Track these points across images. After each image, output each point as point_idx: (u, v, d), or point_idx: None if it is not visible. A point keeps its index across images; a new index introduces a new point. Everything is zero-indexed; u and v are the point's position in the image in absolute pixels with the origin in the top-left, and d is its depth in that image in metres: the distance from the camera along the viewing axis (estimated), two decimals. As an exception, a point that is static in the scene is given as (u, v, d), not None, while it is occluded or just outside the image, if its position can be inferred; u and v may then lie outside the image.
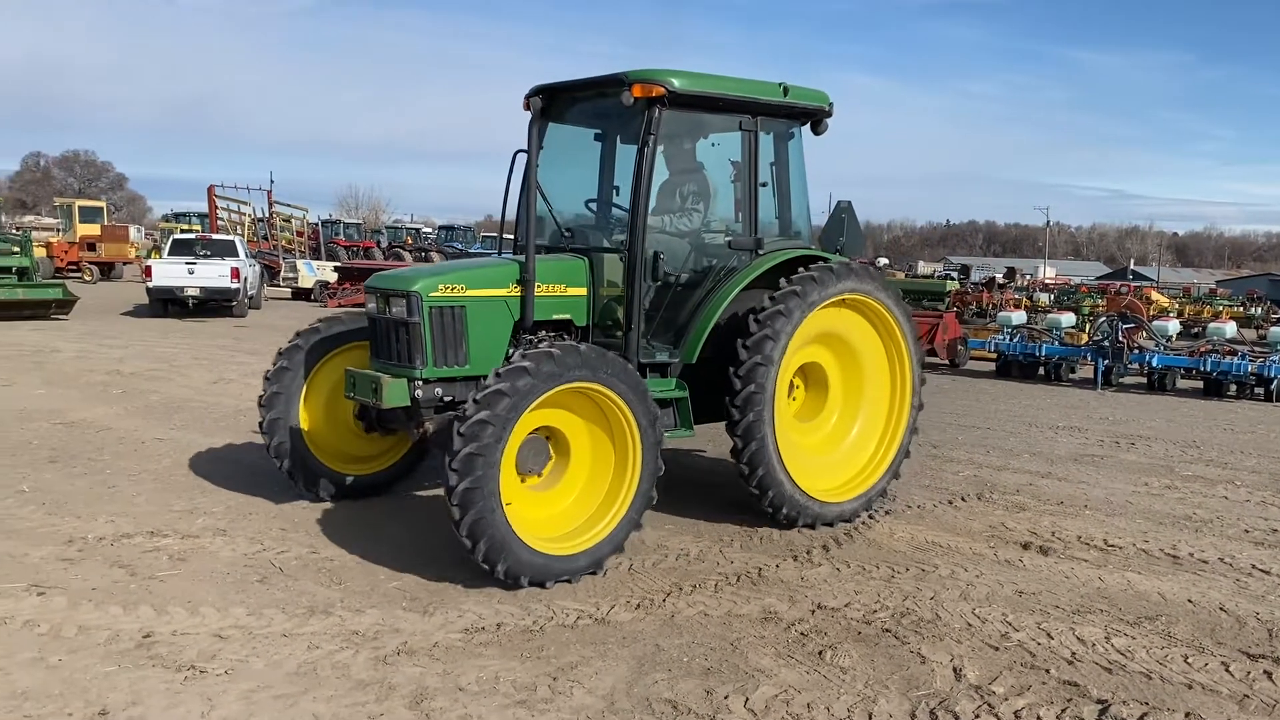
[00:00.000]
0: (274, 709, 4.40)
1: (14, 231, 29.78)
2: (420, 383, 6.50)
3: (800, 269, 7.18)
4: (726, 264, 7.29)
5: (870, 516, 7.84)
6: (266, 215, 39.31)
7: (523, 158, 7.11)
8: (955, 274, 48.84)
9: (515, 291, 6.74)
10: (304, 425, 7.52)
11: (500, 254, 7.94)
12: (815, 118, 7.77)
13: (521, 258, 6.80)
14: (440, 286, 6.54)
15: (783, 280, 7.07)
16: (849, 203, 9.01)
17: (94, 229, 40.84)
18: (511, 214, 7.36)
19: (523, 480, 6.19)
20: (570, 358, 5.88)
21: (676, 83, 6.68)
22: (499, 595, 5.86)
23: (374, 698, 4.54)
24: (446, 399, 6.59)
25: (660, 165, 7.33)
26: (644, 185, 6.71)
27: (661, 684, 4.79)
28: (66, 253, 37.91)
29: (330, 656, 4.96)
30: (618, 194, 7.70)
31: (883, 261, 71.50)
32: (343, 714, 4.38)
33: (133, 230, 47.07)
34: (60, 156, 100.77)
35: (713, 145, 7.66)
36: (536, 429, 6.14)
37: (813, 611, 5.80)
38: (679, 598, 5.93)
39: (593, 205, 7.83)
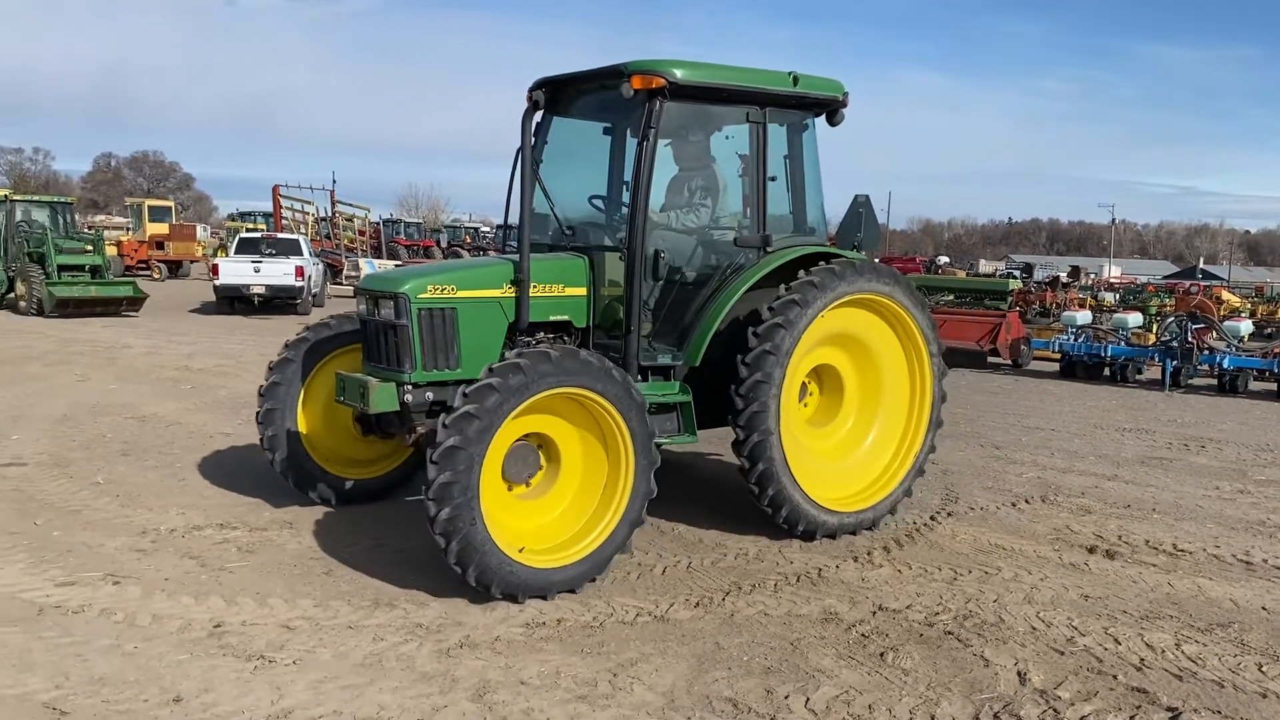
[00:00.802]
0: (341, 698, 4.49)
1: (86, 230, 30.55)
2: (410, 387, 6.27)
3: (820, 264, 6.90)
4: (734, 262, 7.01)
5: (932, 519, 7.76)
6: (329, 214, 39.89)
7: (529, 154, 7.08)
8: (1018, 273, 48.11)
9: (509, 292, 6.49)
10: (302, 429, 7.34)
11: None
12: (829, 108, 7.41)
13: (540, 255, 6.67)
14: (429, 288, 6.30)
15: (801, 272, 6.79)
16: (866, 197, 8.75)
17: (162, 228, 41.81)
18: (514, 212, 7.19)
19: (510, 489, 5.96)
20: (541, 365, 5.56)
21: (678, 73, 6.40)
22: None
23: (438, 689, 4.61)
24: (438, 403, 6.28)
25: (668, 160, 7.19)
26: (644, 181, 6.45)
27: (721, 682, 4.80)
28: (136, 251, 38.83)
29: (395, 648, 5.05)
30: (627, 190, 7.39)
31: (943, 260, 70.59)
32: (408, 705, 4.45)
33: (200, 229, 48.13)
34: (130, 157, 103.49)
35: (726, 138, 7.36)
36: (524, 436, 5.88)
37: (874, 613, 5.76)
38: (738, 597, 5.92)
39: (597, 202, 7.53)
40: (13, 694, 4.40)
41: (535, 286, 6.54)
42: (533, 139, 6.79)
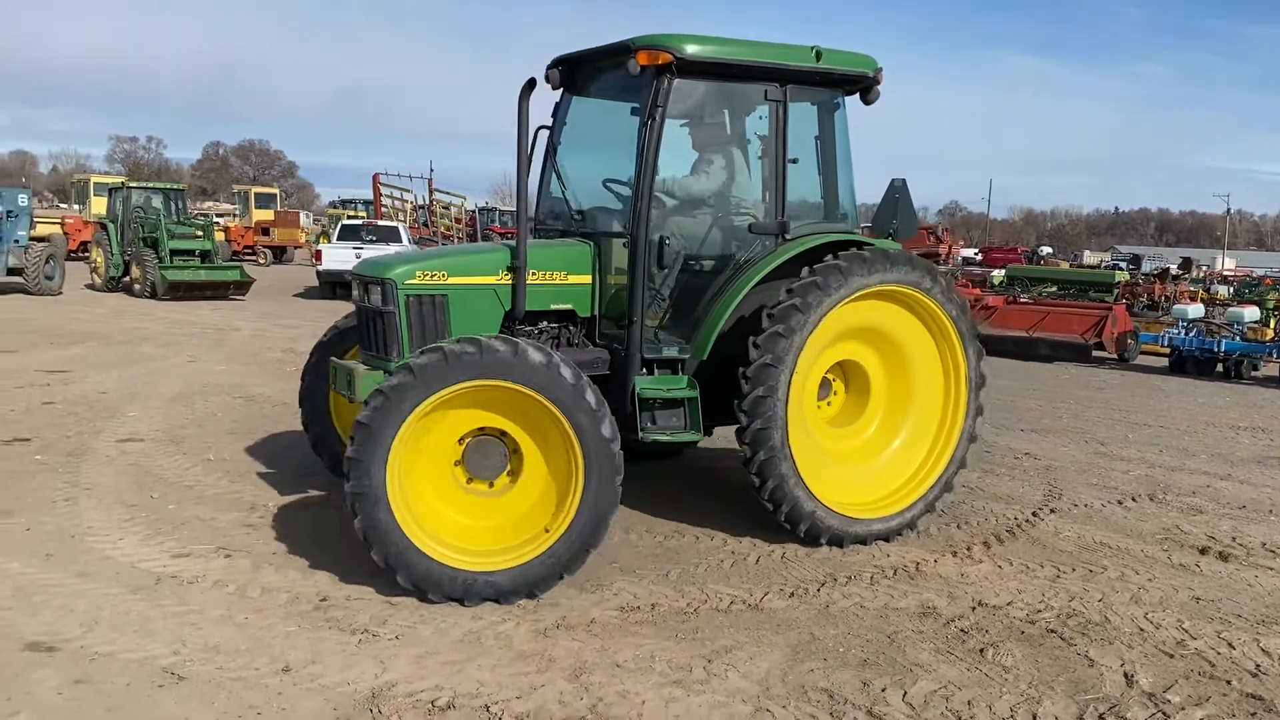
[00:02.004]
0: (442, 674, 4.59)
1: (197, 217, 31.66)
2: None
3: (828, 257, 6.44)
4: (750, 250, 6.62)
5: (1034, 514, 7.57)
6: (427, 202, 40.58)
7: (545, 135, 6.93)
8: (1125, 264, 46.52)
9: (506, 279, 6.23)
10: (336, 409, 7.37)
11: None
12: (860, 85, 6.90)
13: (544, 241, 6.55)
14: (418, 273, 6.11)
15: (805, 269, 6.34)
16: (903, 180, 8.32)
17: (268, 214, 43.13)
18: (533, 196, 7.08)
19: (490, 485, 5.70)
20: (464, 356, 5.29)
21: (687, 48, 6.09)
22: (652, 576, 5.94)
23: (535, 668, 4.68)
24: None
25: (690, 143, 6.94)
26: (650, 162, 6.14)
27: (817, 673, 4.77)
28: (243, 237, 40.13)
29: (493, 627, 5.14)
30: (685, 174, 7.16)
31: (1046, 250, 68.70)
32: (506, 682, 4.53)
33: (303, 216, 49.45)
34: (237, 146, 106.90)
35: (760, 118, 6.88)
36: (477, 431, 5.61)
37: (973, 608, 5.66)
38: (833, 588, 5.87)
39: (612, 186, 6.96)
40: (135, 658, 4.61)
41: (535, 274, 6.30)
42: (550, 120, 6.72)
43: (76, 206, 41.85)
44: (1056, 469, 9.21)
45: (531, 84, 6.16)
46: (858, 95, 7.02)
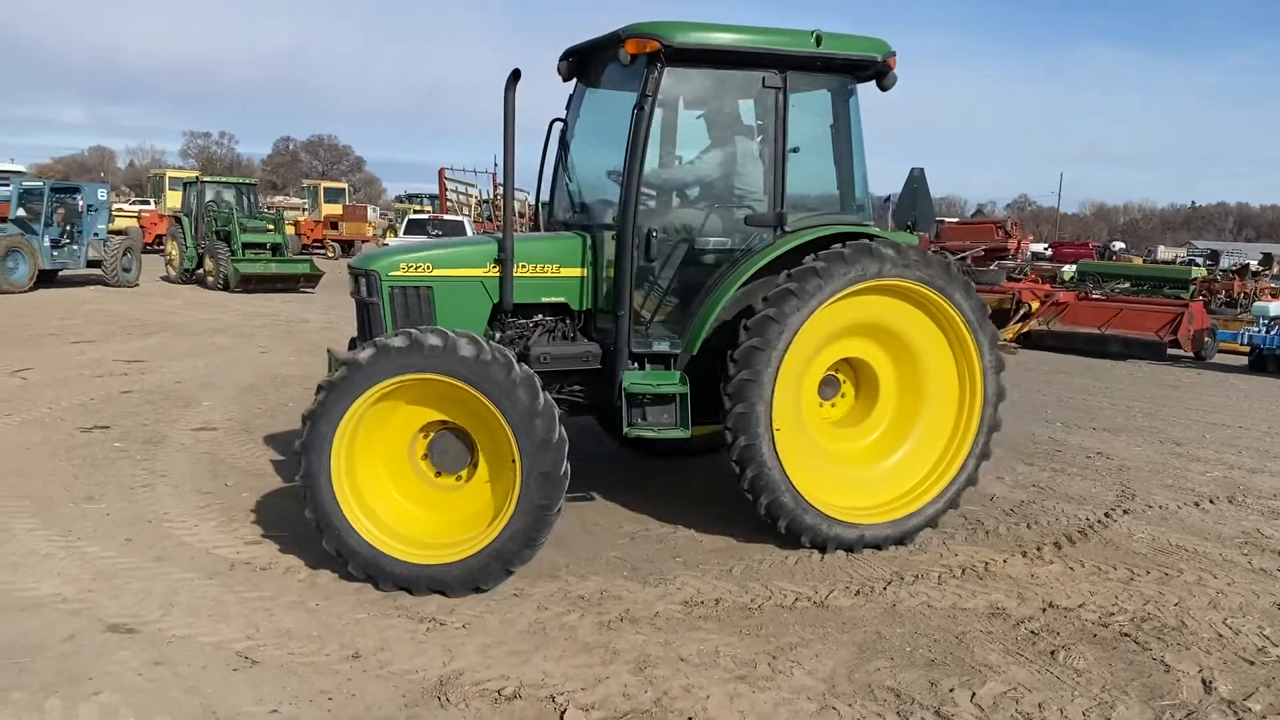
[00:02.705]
0: (508, 663, 4.63)
1: (268, 210, 32.31)
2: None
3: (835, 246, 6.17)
4: (750, 243, 6.40)
5: (1106, 515, 7.41)
6: (491, 197, 40.95)
7: (559, 126, 6.86)
8: (1202, 259, 45.26)
9: (493, 272, 6.19)
10: None
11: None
12: (870, 71, 6.55)
13: (538, 234, 6.46)
14: (402, 265, 6.12)
15: (808, 257, 6.09)
16: (921, 170, 8.06)
17: (336, 209, 43.80)
18: (546, 188, 7.04)
19: (454, 478, 5.68)
20: (392, 349, 5.27)
21: (675, 36, 5.94)
22: (715, 571, 5.93)
23: (599, 660, 4.70)
24: None
25: (702, 132, 6.79)
26: (639, 153, 6.00)
27: (884, 671, 4.72)
28: (312, 231, 40.84)
29: (558, 618, 5.17)
30: (679, 164, 6.99)
31: (1118, 245, 67.08)
32: (571, 674, 4.55)
33: (370, 210, 50.12)
34: (306, 141, 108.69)
35: (807, 109, 6.63)
36: (441, 425, 5.58)
37: (1043, 610, 5.55)
38: (900, 587, 5.81)
39: (615, 177, 6.61)
40: (210, 641, 4.73)
41: (526, 266, 6.25)
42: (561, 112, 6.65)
43: (152, 201, 42.92)
44: (1130, 469, 8.99)
45: (516, 75, 5.97)
46: (874, 82, 6.68)
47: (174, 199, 35.36)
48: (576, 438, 6.42)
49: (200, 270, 25.04)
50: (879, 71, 6.57)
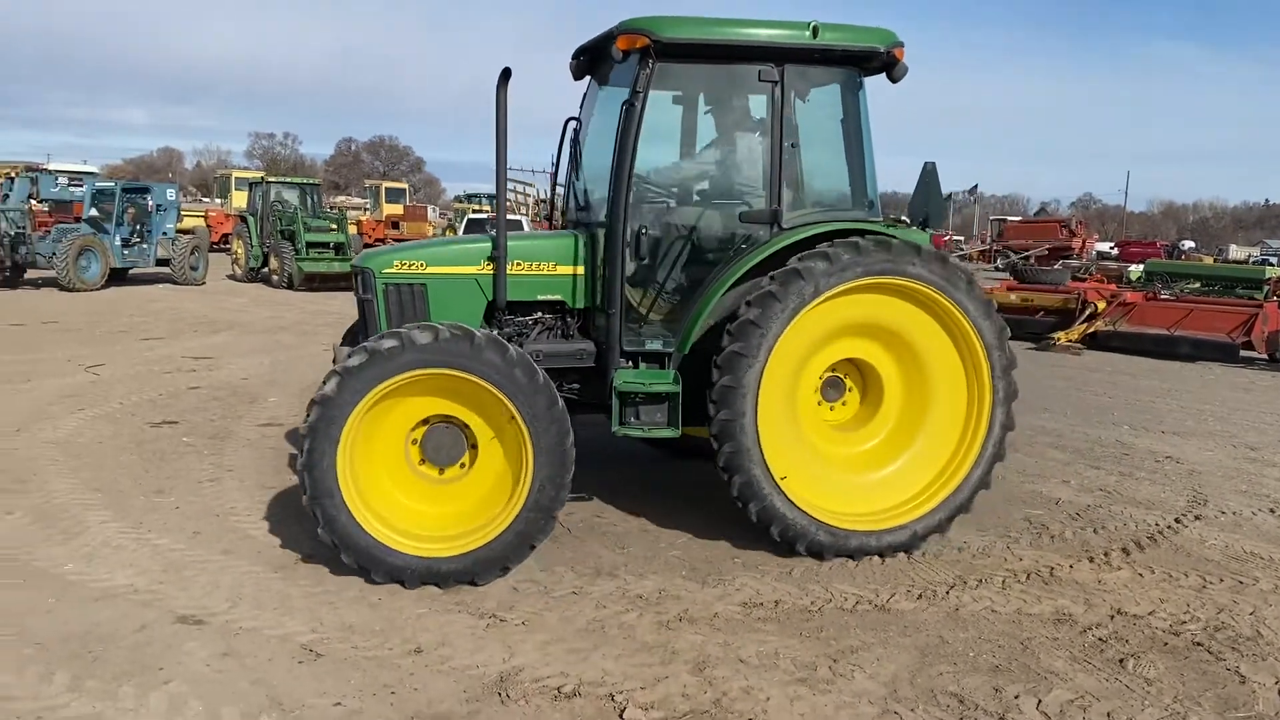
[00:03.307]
0: (567, 661, 4.65)
1: (331, 210, 32.80)
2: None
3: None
4: (748, 241, 6.24)
5: (1176, 521, 7.23)
6: (549, 196, 41.18)
7: (574, 125, 6.79)
8: (1276, 259, 43.95)
9: (488, 269, 6.17)
10: None
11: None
12: (875, 63, 6.32)
13: (533, 232, 6.44)
14: (396, 263, 6.15)
15: (793, 258, 5.90)
16: (933, 165, 7.79)
17: (397, 208, 44.41)
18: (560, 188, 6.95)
19: (441, 472, 5.70)
20: (418, 342, 5.29)
21: (665, 31, 5.83)
22: (775, 573, 5.89)
23: (658, 660, 4.69)
24: None
25: (706, 127, 6.72)
26: (629, 149, 5.91)
27: (946, 676, 4.65)
28: (374, 230, 41.38)
29: (617, 617, 5.18)
30: (709, 162, 6.91)
31: (1187, 245, 65.49)
32: (630, 672, 4.55)
33: (430, 210, 50.63)
34: (368, 142, 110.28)
35: (802, 102, 6.45)
36: (432, 419, 5.61)
37: (1111, 617, 5.43)
38: (963, 591, 5.72)
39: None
40: (276, 634, 4.81)
41: (521, 264, 6.22)
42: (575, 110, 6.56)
43: (218, 200, 43.84)
44: (1201, 474, 8.76)
45: (507, 74, 5.86)
46: (885, 75, 6.42)
47: (240, 199, 36.08)
48: (634, 446, 6.45)
49: (265, 269, 25.52)
50: (886, 63, 6.34)
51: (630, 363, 6.22)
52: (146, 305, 19.45)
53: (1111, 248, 53.73)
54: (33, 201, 25.47)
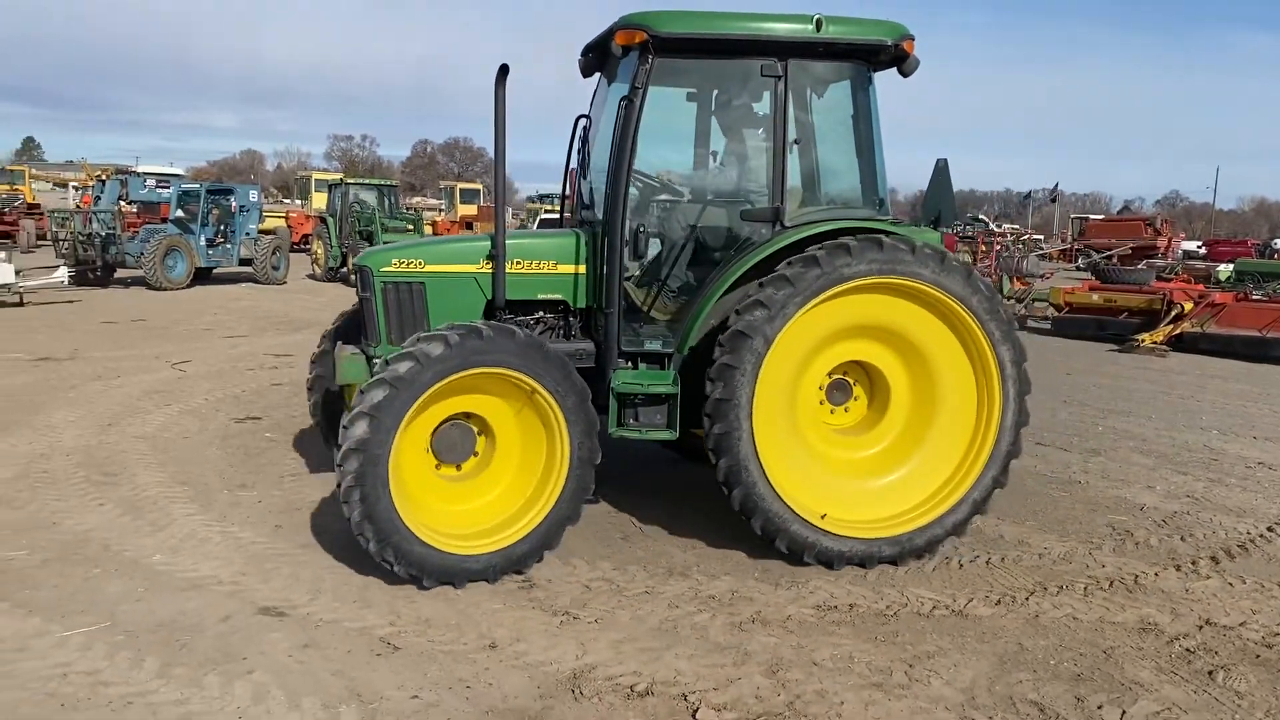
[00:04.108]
0: (640, 660, 4.66)
1: (407, 211, 33.31)
2: (380, 361, 5.92)
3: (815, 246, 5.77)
4: (749, 241, 6.09)
5: (1269, 529, 6.98)
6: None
7: (584, 123, 6.69)
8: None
9: (487, 268, 6.10)
10: (348, 406, 7.07)
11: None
12: (884, 57, 6.13)
13: (534, 231, 6.30)
14: (394, 261, 6.11)
15: (783, 263, 5.73)
16: (945, 161, 7.47)
17: (471, 209, 44.94)
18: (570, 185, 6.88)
19: (457, 469, 5.71)
20: (470, 341, 5.28)
21: (663, 26, 5.71)
22: (849, 576, 5.82)
23: (731, 661, 4.68)
24: None
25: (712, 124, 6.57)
26: (628, 146, 5.80)
27: (1026, 684, 4.56)
28: (449, 230, 41.88)
29: (689, 617, 5.17)
30: (715, 160, 6.80)
31: (1280, 244, 63.06)
32: (703, 673, 4.54)
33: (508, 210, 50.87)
34: (443, 143, 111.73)
35: (817, 98, 6.35)
36: (453, 416, 5.60)
37: (1199, 627, 5.26)
38: (1043, 598, 5.59)
39: (636, 176, 6.33)
40: (355, 627, 4.90)
41: (521, 263, 6.15)
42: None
43: (299, 201, 44.83)
44: (1295, 481, 8.44)
45: (505, 70, 5.73)
46: (895, 69, 6.24)
47: (319, 200, 36.87)
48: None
49: (344, 269, 25.97)
50: (896, 57, 6.14)
51: (629, 363, 6.13)
52: (229, 304, 19.97)
53: (1199, 247, 52.04)
54: (122, 203, 26.36)
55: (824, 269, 5.62)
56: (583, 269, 6.26)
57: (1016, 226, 59.48)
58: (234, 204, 24.27)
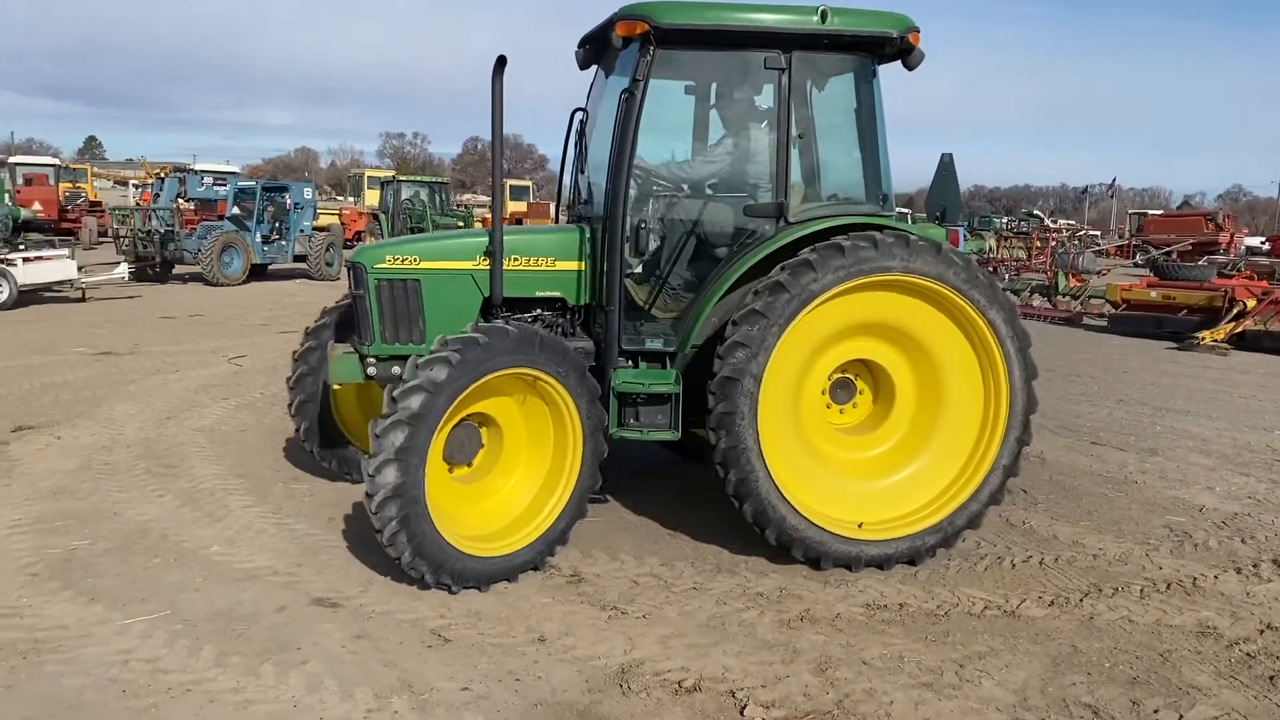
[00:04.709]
0: (688, 656, 4.66)
1: (459, 208, 33.60)
2: (373, 360, 6.00)
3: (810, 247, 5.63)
4: (753, 237, 5.98)
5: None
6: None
7: (580, 116, 6.56)
8: None
9: (484, 265, 5.95)
10: (333, 398, 7.09)
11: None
12: (889, 49, 6.03)
13: (532, 227, 6.15)
14: (388, 257, 5.96)
15: (778, 266, 5.59)
16: (950, 156, 7.30)
17: (521, 206, 45.10)
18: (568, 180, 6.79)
19: (450, 470, 5.63)
20: (499, 342, 5.21)
21: (664, 16, 5.59)
22: (899, 575, 5.78)
23: (780, 659, 4.67)
24: None
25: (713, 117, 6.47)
26: (629, 140, 5.68)
27: (1080, 687, 4.49)
28: (500, 227, 42.16)
29: (737, 614, 5.16)
30: (717, 155, 6.54)
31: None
32: (751, 670, 4.54)
33: (552, 207, 51.26)
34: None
35: (818, 91, 6.25)
36: (468, 415, 5.52)
37: (1261, 631, 5.15)
38: (1098, 600, 5.51)
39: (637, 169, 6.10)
40: (406, 619, 4.96)
41: (519, 260, 6.04)
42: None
43: (352, 198, 45.37)
44: (1362, 483, 8.22)
45: (503, 61, 5.62)
46: (900, 61, 6.13)
47: (372, 197, 37.31)
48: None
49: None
50: (901, 50, 6.03)
51: (630, 362, 6.03)
52: (285, 299, 20.28)
53: (1263, 242, 50.77)
54: (180, 200, 26.85)
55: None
56: (582, 265, 6.17)
57: (1072, 222, 58.56)
58: (289, 201, 24.65)
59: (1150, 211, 60.27)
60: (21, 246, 18.61)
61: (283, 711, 4.08)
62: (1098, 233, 57.15)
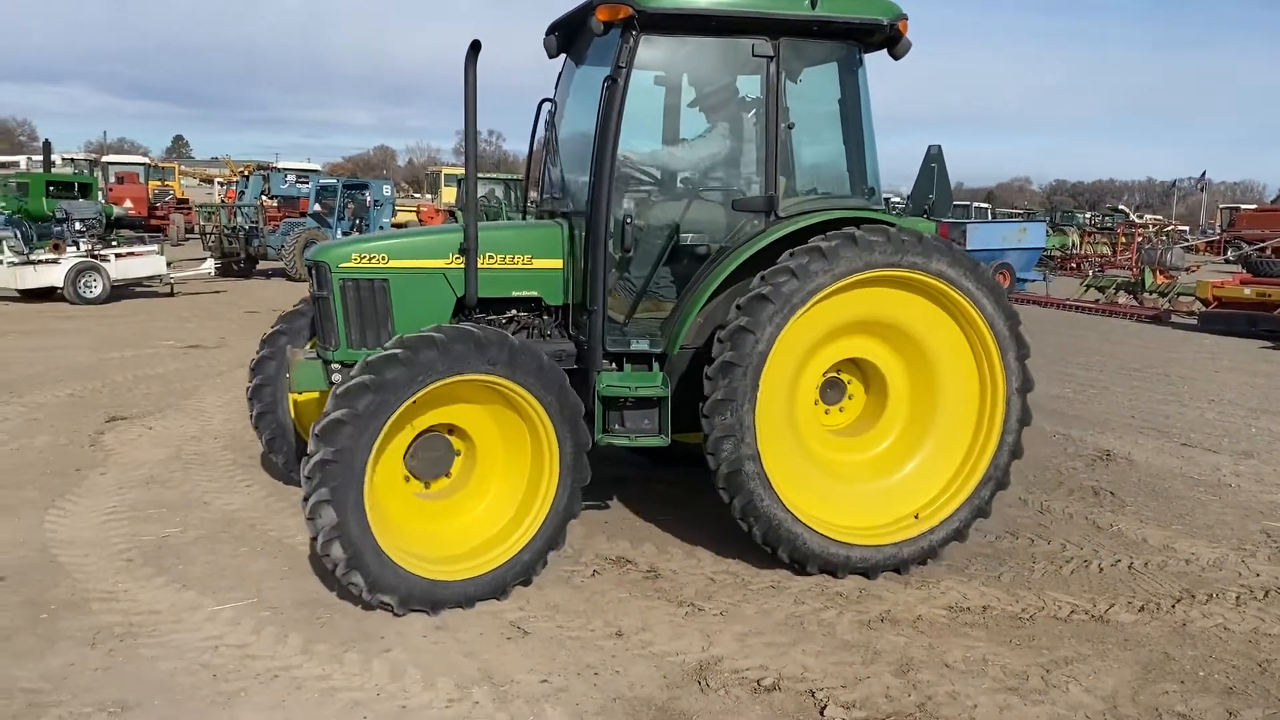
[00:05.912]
0: (766, 654, 4.63)
1: (533, 205, 33.82)
2: (338, 366, 5.59)
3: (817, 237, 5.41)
4: (743, 232, 5.71)
5: None
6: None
7: (548, 107, 6.31)
8: None
9: (456, 263, 5.60)
10: (294, 407, 6.76)
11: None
12: (877, 37, 5.80)
13: (508, 223, 5.80)
14: (354, 256, 5.57)
15: (784, 254, 5.38)
16: (939, 148, 6.97)
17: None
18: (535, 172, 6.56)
19: (427, 487, 5.31)
20: (458, 346, 4.84)
21: (649, 1, 5.33)
22: (982, 577, 5.67)
23: (860, 659, 4.61)
24: None
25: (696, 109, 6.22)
26: (612, 131, 5.40)
27: (1173, 695, 4.36)
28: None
29: (816, 613, 5.12)
30: (701, 146, 6.26)
31: None
32: (830, 670, 4.49)
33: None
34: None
35: (798, 82, 5.94)
36: (431, 428, 5.19)
37: (1366, 643, 4.94)
38: (1191, 606, 5.34)
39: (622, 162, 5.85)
40: (486, 611, 5.01)
41: (495, 257, 5.70)
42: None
43: (429, 196, 45.97)
44: None
45: (476, 47, 5.39)
46: (886, 51, 5.92)
47: (449, 194, 37.75)
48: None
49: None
50: (889, 38, 5.81)
51: (614, 364, 5.77)
52: (364, 295, 20.61)
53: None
54: (264, 198, 27.51)
55: (832, 260, 5.30)
56: (560, 263, 5.87)
57: (1159, 218, 56.88)
58: (369, 198, 25.06)
59: (1243, 206, 58.30)
60: (114, 243, 19.25)
61: (366, 699, 4.15)
62: (1186, 228, 55.43)
